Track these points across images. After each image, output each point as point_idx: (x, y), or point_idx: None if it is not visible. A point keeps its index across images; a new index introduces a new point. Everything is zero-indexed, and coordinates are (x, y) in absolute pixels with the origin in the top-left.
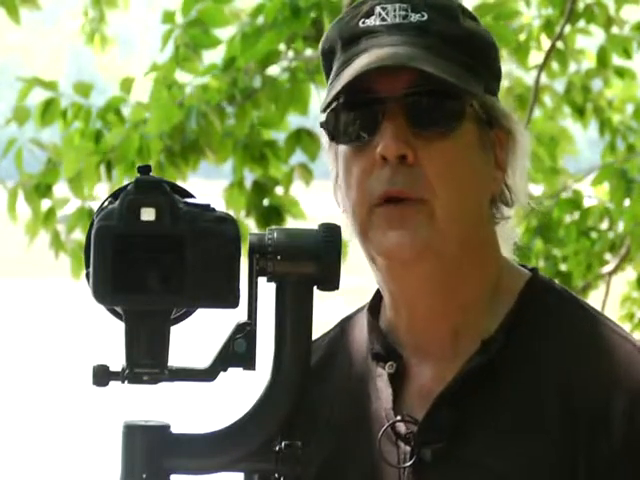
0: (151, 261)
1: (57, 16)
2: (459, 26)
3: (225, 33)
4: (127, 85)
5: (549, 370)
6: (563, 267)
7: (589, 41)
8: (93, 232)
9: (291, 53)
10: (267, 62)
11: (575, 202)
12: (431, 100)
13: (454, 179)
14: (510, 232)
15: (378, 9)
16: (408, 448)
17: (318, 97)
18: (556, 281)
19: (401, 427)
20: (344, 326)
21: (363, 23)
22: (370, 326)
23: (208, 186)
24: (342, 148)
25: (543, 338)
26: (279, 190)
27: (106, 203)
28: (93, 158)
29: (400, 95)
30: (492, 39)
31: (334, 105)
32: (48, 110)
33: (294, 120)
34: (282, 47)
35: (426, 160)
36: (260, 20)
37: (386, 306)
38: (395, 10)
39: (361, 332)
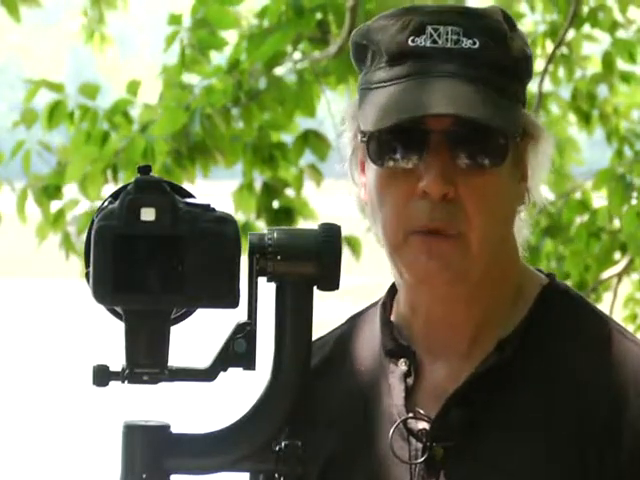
0: (151, 261)
1: (57, 16)
2: (509, 53)
3: (228, 35)
4: (134, 87)
5: (563, 373)
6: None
7: (594, 48)
8: (93, 232)
9: (298, 54)
10: (273, 63)
11: (584, 203)
12: (477, 138)
13: (491, 212)
14: (521, 230)
15: (429, 29)
16: (420, 445)
17: (325, 99)
18: (570, 285)
19: (413, 424)
20: (354, 322)
21: (413, 42)
22: (383, 323)
23: (210, 187)
24: (376, 166)
25: (558, 342)
26: (289, 192)
27: (106, 203)
28: (98, 163)
29: (448, 129)
30: (529, 50)
31: (376, 128)
32: (55, 112)
33: (302, 122)
34: (288, 48)
35: (466, 195)
36: (266, 22)
37: (401, 303)
38: (447, 33)
39: (372, 328)
